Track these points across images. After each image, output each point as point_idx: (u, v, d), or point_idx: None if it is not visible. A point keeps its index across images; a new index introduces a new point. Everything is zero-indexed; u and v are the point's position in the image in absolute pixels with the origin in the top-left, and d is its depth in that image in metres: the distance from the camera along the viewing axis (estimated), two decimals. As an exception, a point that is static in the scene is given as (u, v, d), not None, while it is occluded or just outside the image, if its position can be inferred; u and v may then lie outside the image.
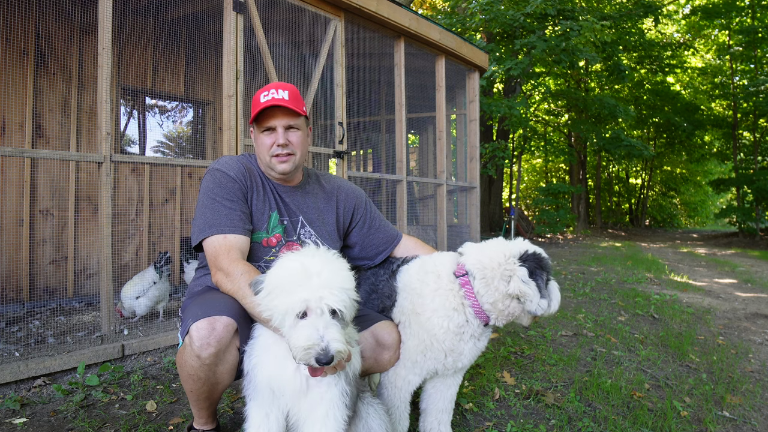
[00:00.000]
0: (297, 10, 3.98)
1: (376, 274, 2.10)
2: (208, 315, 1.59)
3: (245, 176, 1.89)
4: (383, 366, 1.89)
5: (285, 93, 1.85)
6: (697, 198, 33.36)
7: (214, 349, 1.58)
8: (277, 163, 1.88)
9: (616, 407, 2.57)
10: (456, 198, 6.62)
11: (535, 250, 1.78)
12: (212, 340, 1.57)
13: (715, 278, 7.83)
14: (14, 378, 2.48)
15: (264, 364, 1.50)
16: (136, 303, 3.54)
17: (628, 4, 16.29)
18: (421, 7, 17.59)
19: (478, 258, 1.80)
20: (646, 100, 21.13)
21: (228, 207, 1.79)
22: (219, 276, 1.71)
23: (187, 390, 1.74)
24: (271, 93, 1.85)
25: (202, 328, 1.57)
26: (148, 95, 5.18)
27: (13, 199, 4.15)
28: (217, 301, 1.66)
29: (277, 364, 1.49)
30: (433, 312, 1.80)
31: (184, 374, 1.68)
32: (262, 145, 1.89)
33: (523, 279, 1.70)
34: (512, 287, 1.71)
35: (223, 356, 1.61)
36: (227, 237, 1.74)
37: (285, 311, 1.32)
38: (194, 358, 1.60)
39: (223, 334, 1.58)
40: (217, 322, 1.58)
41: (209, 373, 1.63)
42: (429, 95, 5.83)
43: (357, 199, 2.16)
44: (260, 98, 1.86)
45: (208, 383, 1.67)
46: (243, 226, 1.79)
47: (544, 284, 1.72)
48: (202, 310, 1.62)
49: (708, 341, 3.99)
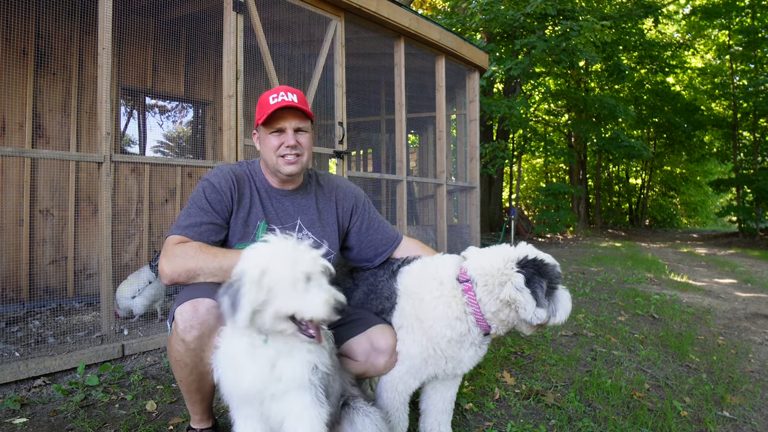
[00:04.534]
0: (297, 10, 3.98)
1: (375, 275, 2.07)
2: (192, 298, 1.62)
3: (232, 188, 1.88)
4: (379, 371, 1.88)
5: (294, 96, 1.88)
6: (697, 198, 33.34)
7: (197, 331, 1.59)
8: (285, 164, 1.88)
9: (616, 407, 2.57)
10: (456, 198, 6.62)
11: (537, 256, 1.71)
12: (195, 323, 1.59)
13: (715, 278, 7.83)
14: (14, 378, 2.48)
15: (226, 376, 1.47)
16: (133, 302, 3.54)
17: (628, 4, 16.30)
18: (421, 7, 17.59)
19: (481, 263, 1.76)
20: (646, 100, 21.13)
21: (200, 216, 1.79)
22: (162, 261, 1.69)
23: (178, 380, 1.76)
24: (280, 96, 1.86)
25: (185, 311, 1.60)
26: (148, 95, 5.18)
27: (13, 199, 4.15)
28: (202, 286, 1.68)
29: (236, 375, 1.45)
30: (436, 320, 1.76)
31: (173, 361, 1.71)
32: (270, 146, 1.88)
33: (517, 286, 1.64)
34: (504, 293, 1.67)
35: (207, 340, 1.61)
36: (186, 240, 1.76)
37: (294, 280, 1.36)
38: (179, 342, 1.62)
39: (206, 316, 1.60)
40: (199, 304, 1.60)
41: (195, 358, 1.64)
42: (429, 95, 5.83)
43: (355, 199, 2.14)
44: (269, 100, 1.87)
45: (196, 371, 1.68)
46: (208, 237, 1.79)
47: (544, 292, 1.65)
48: (186, 296, 1.65)
49: (708, 341, 3.99)
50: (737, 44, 18.40)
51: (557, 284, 1.71)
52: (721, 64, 20.87)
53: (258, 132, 1.96)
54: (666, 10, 18.66)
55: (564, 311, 1.71)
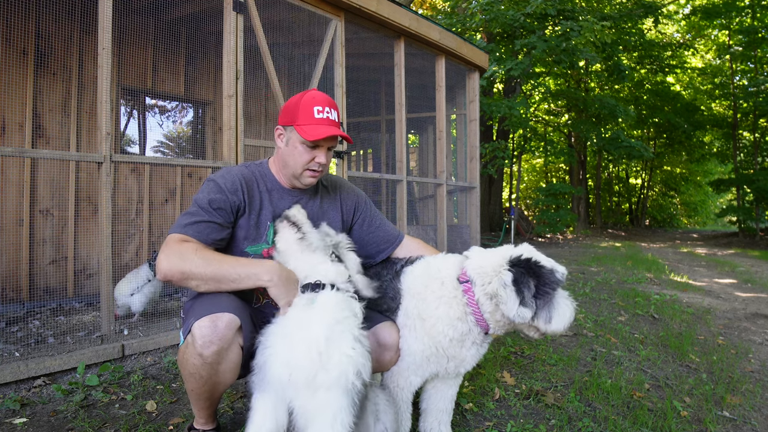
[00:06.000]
0: (297, 10, 3.98)
1: (379, 275, 2.09)
2: (211, 312, 1.59)
3: (239, 189, 1.86)
4: (384, 366, 1.91)
5: (335, 114, 1.86)
6: (697, 198, 33.34)
7: (216, 347, 1.57)
8: (308, 176, 1.90)
9: (616, 407, 2.57)
10: (456, 198, 6.62)
11: (532, 257, 1.69)
12: (215, 338, 1.56)
13: (715, 278, 7.84)
14: (14, 378, 2.48)
15: (279, 352, 1.49)
16: (131, 300, 3.53)
17: (628, 4, 16.29)
18: (421, 7, 17.59)
19: (480, 263, 1.76)
20: (646, 100, 21.12)
21: (201, 215, 1.77)
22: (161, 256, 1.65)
23: (188, 389, 1.74)
24: (325, 112, 1.83)
25: (204, 326, 1.57)
26: (148, 95, 5.18)
27: (13, 199, 4.15)
28: (220, 298, 1.66)
29: (292, 351, 1.47)
30: (438, 320, 1.77)
31: (186, 373, 1.68)
32: (299, 155, 1.86)
33: (503, 282, 1.64)
34: (489, 288, 1.68)
35: (225, 354, 1.61)
36: (187, 239, 1.74)
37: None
38: (196, 357, 1.59)
39: (226, 332, 1.58)
40: (219, 319, 1.57)
41: (211, 371, 1.63)
42: (429, 95, 5.83)
43: (357, 197, 2.17)
44: (314, 113, 1.82)
45: (210, 382, 1.67)
46: (208, 235, 1.77)
47: (531, 292, 1.63)
48: (204, 308, 1.62)
49: (708, 341, 3.99)
50: (737, 44, 18.40)
51: (554, 289, 1.66)
52: (721, 64, 20.87)
53: (285, 131, 1.91)
54: (666, 10, 18.65)
55: (562, 319, 1.63)
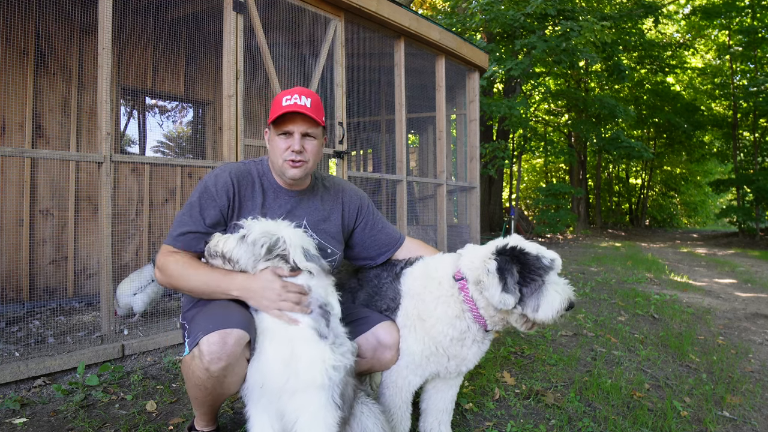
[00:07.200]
0: (297, 10, 3.98)
1: (379, 277, 2.09)
2: (220, 328, 1.55)
3: (229, 192, 1.86)
4: (384, 365, 1.91)
5: (308, 101, 1.85)
6: (697, 198, 33.31)
7: (224, 363, 1.55)
8: (289, 167, 1.87)
9: (616, 407, 2.57)
10: (456, 198, 6.62)
11: (517, 246, 1.69)
12: (223, 355, 1.54)
13: (715, 278, 7.84)
14: (14, 378, 2.48)
15: (255, 366, 1.60)
16: (134, 299, 3.52)
17: (628, 4, 16.29)
18: (421, 7, 17.58)
19: (471, 259, 1.77)
20: (646, 100, 21.11)
21: (188, 225, 1.82)
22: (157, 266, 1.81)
23: (191, 396, 1.75)
24: (294, 98, 1.83)
25: (213, 342, 1.53)
26: (148, 95, 5.18)
27: (13, 199, 4.15)
28: (229, 310, 1.63)
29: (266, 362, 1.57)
30: (437, 320, 1.78)
31: (191, 384, 1.68)
32: (277, 147, 1.87)
33: (489, 269, 1.65)
34: (475, 275, 1.70)
35: (232, 369, 1.59)
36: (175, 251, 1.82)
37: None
38: (203, 371, 1.57)
39: (234, 348, 1.55)
40: (229, 336, 1.54)
41: (216, 384, 1.62)
42: (429, 95, 5.83)
43: (360, 200, 2.16)
44: (282, 101, 1.84)
45: (215, 393, 1.67)
46: (195, 247, 1.81)
47: (514, 279, 1.62)
48: (213, 321, 1.59)
49: (708, 341, 3.99)
50: (737, 44, 18.39)
51: (541, 275, 1.62)
52: (721, 64, 20.86)
53: (269, 130, 1.94)
54: (666, 10, 18.65)
55: (549, 308, 1.60)
